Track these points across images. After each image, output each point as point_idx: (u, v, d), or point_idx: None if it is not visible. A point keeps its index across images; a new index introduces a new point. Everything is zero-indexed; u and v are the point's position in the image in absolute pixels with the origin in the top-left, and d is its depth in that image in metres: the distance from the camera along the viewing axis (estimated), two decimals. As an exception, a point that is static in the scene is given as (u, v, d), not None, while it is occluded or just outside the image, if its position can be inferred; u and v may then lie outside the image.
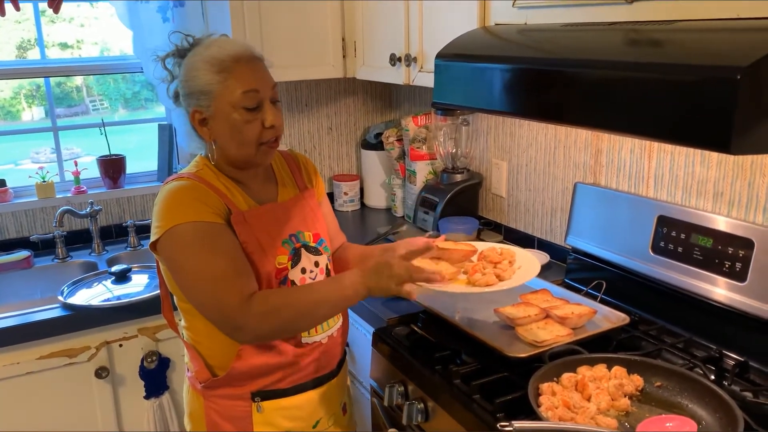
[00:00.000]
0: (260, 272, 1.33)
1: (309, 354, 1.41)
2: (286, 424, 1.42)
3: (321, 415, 1.47)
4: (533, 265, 1.48)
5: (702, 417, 1.16)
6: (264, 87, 1.32)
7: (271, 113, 1.32)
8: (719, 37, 0.98)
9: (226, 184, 1.36)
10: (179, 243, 1.27)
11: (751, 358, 1.39)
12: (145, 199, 2.65)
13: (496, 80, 1.39)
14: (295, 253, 1.40)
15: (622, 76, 1.09)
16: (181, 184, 1.32)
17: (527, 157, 2.14)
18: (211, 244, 1.27)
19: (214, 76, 1.29)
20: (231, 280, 1.26)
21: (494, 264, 1.48)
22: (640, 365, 1.30)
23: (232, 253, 1.28)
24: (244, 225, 1.33)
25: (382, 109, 2.96)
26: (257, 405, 1.38)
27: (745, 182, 1.48)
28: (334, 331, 1.46)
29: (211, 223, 1.28)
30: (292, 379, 1.40)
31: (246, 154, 1.34)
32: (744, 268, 1.41)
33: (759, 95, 0.86)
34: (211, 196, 1.31)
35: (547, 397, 1.20)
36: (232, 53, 1.31)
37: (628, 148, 1.77)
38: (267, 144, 1.34)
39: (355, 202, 2.82)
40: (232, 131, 1.31)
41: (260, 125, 1.32)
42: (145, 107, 3.14)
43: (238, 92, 1.29)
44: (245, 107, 1.30)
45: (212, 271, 1.26)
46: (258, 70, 1.33)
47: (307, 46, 2.35)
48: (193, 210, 1.28)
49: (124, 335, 2.09)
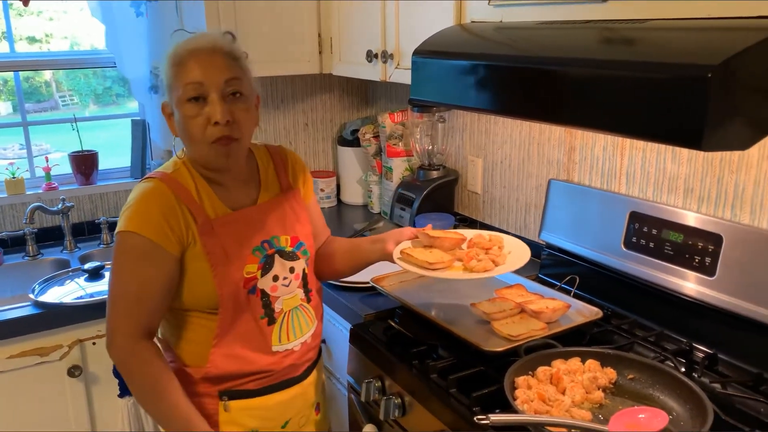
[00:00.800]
0: (226, 282, 1.30)
1: (281, 362, 1.38)
2: (253, 423, 1.39)
3: (291, 415, 1.44)
4: (523, 249, 1.52)
5: (673, 408, 1.19)
6: (211, 79, 1.25)
7: (218, 108, 1.25)
8: (691, 36, 1.01)
9: (199, 186, 1.33)
10: (118, 248, 1.29)
11: (719, 350, 1.43)
12: (118, 195, 2.61)
13: (473, 77, 1.40)
14: (267, 260, 1.36)
15: (596, 74, 1.10)
16: (150, 187, 1.30)
17: (502, 154, 2.16)
18: (137, 264, 1.27)
19: (171, 69, 1.29)
20: (125, 305, 1.28)
21: (486, 250, 1.50)
22: (613, 358, 1.32)
23: (148, 282, 1.27)
24: (211, 235, 1.30)
25: (358, 105, 2.96)
26: (224, 404, 1.36)
27: (714, 179, 1.51)
28: (307, 337, 1.43)
29: (153, 243, 1.25)
30: (261, 381, 1.38)
31: (200, 154, 1.31)
32: (713, 263, 1.44)
33: (729, 93, 0.89)
34: (174, 209, 1.28)
35: (523, 391, 1.22)
36: (192, 47, 1.28)
37: (600, 145, 1.80)
38: (218, 142, 1.27)
39: (331, 199, 2.82)
40: (181, 127, 1.30)
41: (205, 121, 1.26)
42: (117, 103, 3.09)
43: (183, 84, 1.26)
44: (187, 99, 1.26)
45: (119, 287, 1.28)
46: (208, 63, 1.26)
47: (283, 41, 2.34)
48: (145, 222, 1.26)
49: (98, 333, 2.06)
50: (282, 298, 1.38)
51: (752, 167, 1.43)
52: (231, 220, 1.34)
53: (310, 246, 1.47)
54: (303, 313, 1.43)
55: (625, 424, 1.11)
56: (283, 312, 1.38)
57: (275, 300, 1.37)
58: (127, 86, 2.80)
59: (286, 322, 1.39)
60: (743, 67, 0.89)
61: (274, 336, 1.37)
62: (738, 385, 1.32)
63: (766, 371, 1.33)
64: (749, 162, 1.43)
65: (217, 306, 1.30)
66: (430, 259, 1.45)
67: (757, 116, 0.93)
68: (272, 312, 1.37)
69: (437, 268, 1.44)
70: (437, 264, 1.44)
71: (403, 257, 1.48)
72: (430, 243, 1.51)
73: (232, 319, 1.32)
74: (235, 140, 1.30)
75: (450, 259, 1.47)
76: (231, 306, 1.31)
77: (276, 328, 1.37)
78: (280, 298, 1.38)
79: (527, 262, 1.48)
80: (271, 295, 1.36)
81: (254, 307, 1.34)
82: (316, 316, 1.47)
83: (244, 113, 1.30)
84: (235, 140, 1.30)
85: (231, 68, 1.29)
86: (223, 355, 1.33)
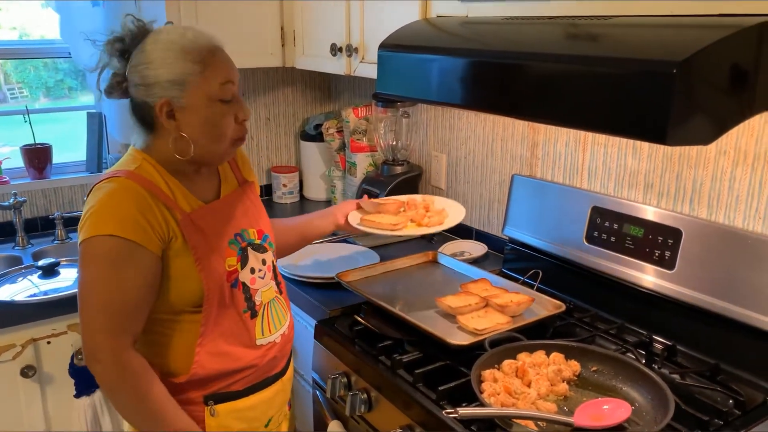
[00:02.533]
0: (212, 276, 1.27)
1: (265, 355, 1.37)
2: (240, 425, 1.36)
3: (272, 413, 1.43)
4: (455, 204, 1.76)
5: (635, 399, 1.21)
6: (236, 79, 1.28)
7: (245, 107, 1.29)
8: (655, 32, 1.02)
9: (167, 181, 1.27)
10: (91, 255, 1.18)
11: (678, 342, 1.46)
12: (74, 190, 2.54)
13: (439, 71, 1.40)
14: (243, 253, 1.34)
15: (561, 69, 1.11)
16: (116, 187, 1.21)
17: (466, 150, 2.17)
18: (119, 271, 1.18)
19: (191, 65, 1.21)
20: (111, 320, 1.18)
21: (426, 209, 1.71)
22: (577, 351, 1.34)
23: (133, 289, 1.19)
24: (193, 228, 1.25)
25: (321, 99, 2.94)
26: (211, 409, 1.31)
27: (673, 174, 1.54)
28: (285, 328, 1.43)
29: (134, 243, 1.17)
30: (246, 380, 1.35)
31: (218, 151, 1.28)
32: (672, 257, 1.47)
33: (693, 89, 0.90)
34: (151, 207, 1.21)
35: (489, 384, 1.23)
36: (210, 45, 1.25)
37: (563, 141, 1.82)
38: (238, 140, 1.30)
39: (294, 194, 2.79)
40: (208, 126, 1.24)
41: (234, 120, 1.27)
42: (69, 96, 3.00)
43: (216, 84, 1.23)
44: (222, 100, 1.24)
45: (100, 300, 1.18)
46: (230, 62, 1.28)
47: (245, 33, 2.30)
48: (126, 224, 1.17)
49: (53, 332, 2.00)
50: (260, 290, 1.37)
51: (710, 163, 1.47)
52: (207, 213, 1.31)
53: (273, 238, 1.47)
54: (279, 305, 1.43)
55: (589, 416, 1.13)
56: (262, 304, 1.38)
57: (255, 293, 1.36)
58: (81, 79, 2.72)
59: (267, 315, 1.38)
60: (706, 63, 0.91)
61: (258, 329, 1.36)
62: (696, 376, 1.36)
63: (722, 362, 1.37)
64: (707, 158, 1.47)
65: (201, 302, 1.27)
66: (391, 221, 1.64)
67: (718, 112, 0.95)
68: (254, 305, 1.35)
69: (399, 229, 1.63)
70: (398, 225, 1.63)
71: (364, 223, 1.64)
72: (376, 210, 1.69)
73: (216, 315, 1.28)
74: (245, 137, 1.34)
75: (405, 221, 1.66)
76: (216, 301, 1.28)
77: (259, 321, 1.36)
78: (258, 290, 1.37)
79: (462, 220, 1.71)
80: (251, 288, 1.35)
81: (238, 301, 1.32)
82: (288, 307, 1.48)
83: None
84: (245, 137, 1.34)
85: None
86: (209, 353, 1.29)
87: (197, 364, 1.28)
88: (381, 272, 1.83)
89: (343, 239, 2.18)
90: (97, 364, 1.20)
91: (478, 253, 2.04)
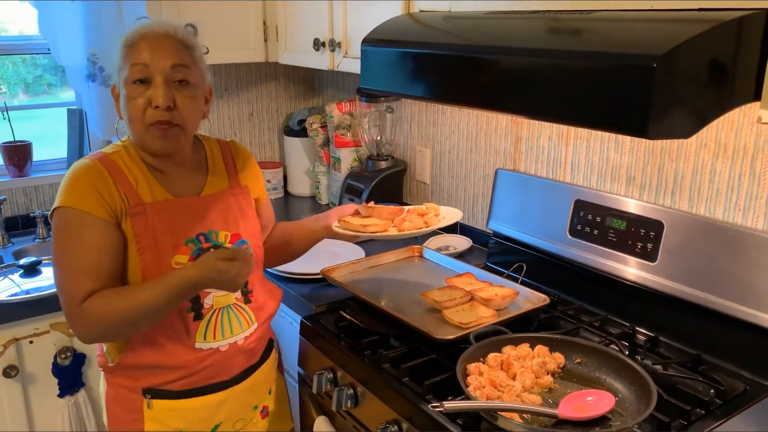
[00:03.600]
0: (152, 268, 1.27)
1: (202, 360, 1.33)
2: (178, 424, 1.36)
3: (220, 419, 1.40)
4: (455, 213, 1.63)
5: (619, 390, 1.23)
6: (157, 62, 1.25)
7: (160, 92, 1.24)
8: (636, 27, 1.03)
9: (136, 170, 1.31)
10: (56, 224, 1.26)
11: (660, 333, 1.48)
12: (54, 188, 2.50)
13: (422, 66, 1.40)
14: (200, 253, 1.31)
15: (544, 64, 1.12)
16: (82, 164, 1.29)
17: (450, 145, 2.18)
18: (80, 236, 1.23)
19: (121, 50, 1.28)
20: (79, 278, 1.22)
21: (421, 216, 1.60)
22: (561, 343, 1.35)
23: (95, 251, 1.23)
24: (141, 217, 1.27)
25: (304, 94, 2.93)
26: (148, 401, 1.33)
27: (655, 167, 1.56)
28: (239, 338, 1.37)
29: (89, 214, 1.24)
30: (182, 382, 1.33)
31: (138, 136, 1.30)
32: (654, 249, 1.49)
33: (673, 82, 0.91)
34: (107, 183, 1.26)
35: (475, 377, 1.23)
36: (145, 31, 1.28)
37: (546, 135, 1.83)
38: (156, 126, 1.26)
39: (278, 190, 2.78)
40: (124, 108, 1.29)
41: (146, 103, 1.26)
42: (49, 93, 2.95)
43: (128, 65, 1.26)
44: (133, 81, 1.26)
45: (66, 263, 1.24)
46: (158, 46, 1.26)
47: (227, 28, 2.28)
48: (78, 195, 1.24)
49: (35, 331, 1.98)
50: (213, 294, 1.34)
51: (690, 156, 1.48)
52: (168, 207, 1.31)
53: (256, 246, 1.43)
54: (237, 313, 1.38)
55: (574, 407, 1.14)
56: (212, 309, 1.34)
57: (205, 295, 1.33)
58: (60, 75, 2.68)
59: (215, 320, 1.34)
60: (686, 57, 0.91)
61: (199, 333, 1.33)
62: (678, 366, 1.37)
63: (704, 352, 1.39)
64: (688, 151, 1.48)
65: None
66: (365, 223, 1.55)
67: (698, 105, 0.96)
68: (200, 307, 1.33)
69: (371, 231, 1.53)
70: (371, 227, 1.54)
71: (340, 225, 1.56)
72: (368, 213, 1.61)
73: None
74: (175, 126, 1.28)
75: (385, 224, 1.56)
76: None
77: (202, 325, 1.33)
78: (210, 294, 1.34)
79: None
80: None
81: None
82: (257, 318, 1.42)
83: (188, 100, 1.29)
84: (175, 126, 1.28)
85: (180, 54, 1.28)
86: (143, 341, 1.30)
87: (129, 349, 1.31)
88: (366, 267, 1.83)
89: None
90: (77, 320, 1.24)
91: (463, 247, 2.05)
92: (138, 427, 1.36)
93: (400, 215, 1.59)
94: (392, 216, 1.59)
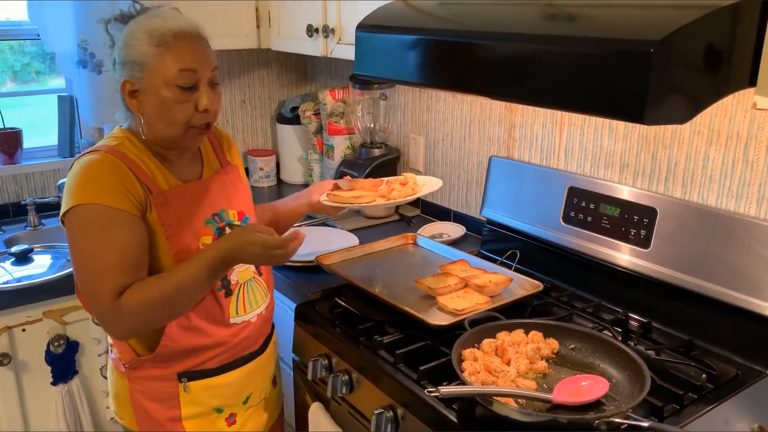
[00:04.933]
0: (182, 253, 1.28)
1: (238, 334, 1.39)
2: (215, 402, 1.40)
3: (251, 390, 1.46)
4: (435, 180, 1.69)
5: (613, 375, 1.23)
6: (203, 67, 1.26)
7: (206, 96, 1.27)
8: (632, 12, 1.03)
9: (147, 160, 1.31)
10: (78, 223, 1.22)
11: (653, 319, 1.49)
12: (45, 175, 2.49)
13: (417, 52, 1.39)
14: (220, 233, 1.36)
15: (540, 49, 1.11)
16: (97, 159, 1.25)
17: (444, 132, 2.17)
18: (107, 232, 1.21)
19: (151, 48, 1.23)
20: (112, 275, 1.21)
21: (403, 185, 1.66)
22: (555, 329, 1.36)
23: (125, 246, 1.22)
24: (165, 205, 1.28)
25: (297, 82, 2.91)
26: (184, 385, 1.35)
27: (648, 154, 1.56)
28: (262, 309, 1.45)
29: (116, 209, 1.22)
30: (219, 359, 1.38)
31: (172, 135, 1.29)
32: (648, 235, 1.50)
33: (670, 68, 0.91)
34: (128, 176, 1.25)
35: (470, 363, 1.24)
36: (175, 28, 1.25)
37: (540, 122, 1.83)
38: (197, 128, 1.29)
39: (271, 178, 2.77)
40: (162, 109, 1.26)
41: (193, 108, 1.26)
42: (37, 80, 2.92)
43: (174, 69, 1.23)
44: (179, 86, 1.24)
45: (97, 262, 1.21)
46: (199, 50, 1.27)
47: (219, 14, 2.26)
48: (102, 190, 1.22)
49: (28, 319, 1.97)
50: (236, 270, 1.39)
51: (684, 143, 1.49)
52: (183, 192, 1.33)
53: (255, 220, 1.49)
54: (257, 286, 1.44)
55: (568, 392, 1.15)
56: (238, 284, 1.39)
57: (231, 272, 1.37)
58: (49, 62, 2.65)
59: (242, 294, 1.40)
60: (683, 43, 0.91)
61: (232, 308, 1.38)
62: (671, 352, 1.38)
63: (696, 337, 1.40)
64: (681, 137, 1.49)
65: None
66: (354, 195, 1.60)
67: (694, 91, 0.96)
68: (229, 284, 1.37)
69: (362, 202, 1.58)
70: (362, 198, 1.59)
71: (329, 198, 1.60)
72: (351, 186, 1.66)
73: None
74: (211, 126, 1.33)
75: (373, 194, 1.61)
76: None
77: (233, 300, 1.38)
78: (234, 270, 1.38)
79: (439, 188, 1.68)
80: None
81: None
82: (269, 288, 1.49)
83: (218, 98, 1.32)
84: (211, 126, 1.33)
85: (214, 57, 1.31)
86: (180, 327, 1.31)
87: (167, 337, 1.30)
88: (360, 255, 1.84)
89: (321, 222, 2.18)
90: (110, 330, 1.25)
91: (457, 234, 2.05)
92: (174, 414, 1.37)
93: (381, 186, 1.65)
94: (374, 187, 1.64)
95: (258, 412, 1.50)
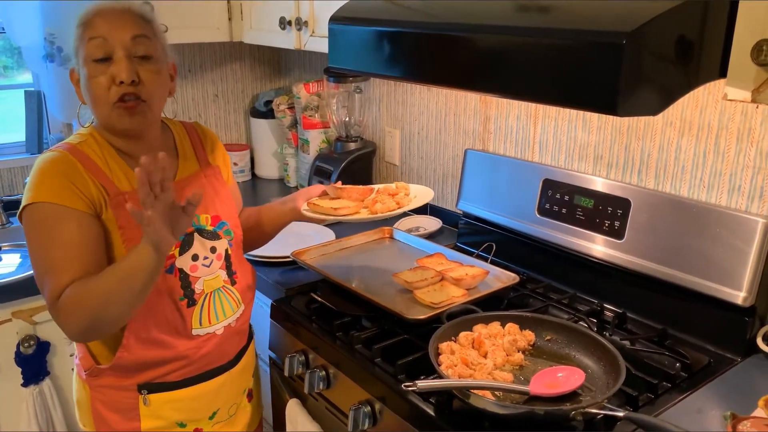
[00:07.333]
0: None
1: (201, 346, 1.32)
2: (177, 416, 1.34)
3: (219, 405, 1.40)
4: (426, 192, 1.57)
5: (588, 365, 1.24)
6: (116, 36, 1.20)
7: (123, 66, 1.19)
8: (604, 4, 1.02)
9: (109, 159, 1.26)
10: (29, 221, 1.20)
11: (628, 309, 1.50)
12: (13, 172, 2.43)
13: (391, 44, 1.38)
14: (186, 238, 1.30)
15: (513, 41, 1.11)
16: (51, 156, 1.22)
17: (419, 125, 2.17)
18: (54, 230, 1.17)
19: (77, 30, 1.23)
20: (57, 274, 1.16)
21: (392, 195, 1.54)
22: (531, 321, 1.36)
23: (72, 245, 1.17)
24: (123, 208, 1.22)
25: (271, 75, 2.88)
26: (144, 398, 1.29)
27: (622, 146, 1.57)
28: (231, 320, 1.38)
29: (65, 207, 1.17)
30: (182, 372, 1.31)
31: (102, 117, 1.24)
32: (622, 227, 1.51)
33: (642, 59, 0.91)
34: (80, 175, 1.20)
35: (447, 356, 1.24)
36: (100, 7, 1.22)
37: (515, 115, 1.83)
38: (122, 103, 1.21)
39: (245, 173, 2.74)
40: (86, 89, 1.23)
41: (109, 80, 1.20)
42: (4, 75, 2.86)
43: (85, 41, 1.21)
44: (93, 59, 1.20)
45: (44, 260, 1.18)
46: (116, 19, 1.21)
47: (190, 7, 2.22)
48: (52, 189, 1.18)
49: (-4, 320, 1.93)
50: (203, 278, 1.32)
51: (657, 134, 1.50)
52: None
53: (235, 226, 1.42)
54: (226, 295, 1.37)
55: (544, 384, 1.15)
56: (204, 293, 1.33)
57: (195, 280, 1.31)
58: (17, 57, 2.59)
59: (208, 304, 1.33)
60: (655, 34, 0.92)
61: (195, 319, 1.31)
62: (645, 341, 1.40)
63: (669, 327, 1.41)
64: (654, 129, 1.50)
65: None
66: (335, 206, 1.48)
67: (666, 82, 0.97)
68: (192, 293, 1.31)
69: (343, 214, 1.46)
70: (342, 209, 1.47)
71: (309, 207, 1.49)
72: (337, 195, 1.54)
73: (148, 300, 1.23)
74: (142, 102, 1.23)
75: (356, 206, 1.50)
76: None
77: (197, 310, 1.31)
78: (200, 278, 1.32)
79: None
80: (191, 275, 1.31)
81: (173, 287, 1.28)
82: (243, 299, 1.42)
83: (153, 75, 1.24)
84: (142, 102, 1.23)
85: (140, 26, 1.24)
86: (138, 339, 1.25)
87: (124, 348, 1.25)
88: (337, 249, 1.82)
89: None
90: (57, 322, 1.18)
91: (433, 228, 2.05)
92: (134, 426, 1.31)
93: (370, 195, 1.55)
94: (362, 196, 1.55)
95: (228, 428, 1.44)
